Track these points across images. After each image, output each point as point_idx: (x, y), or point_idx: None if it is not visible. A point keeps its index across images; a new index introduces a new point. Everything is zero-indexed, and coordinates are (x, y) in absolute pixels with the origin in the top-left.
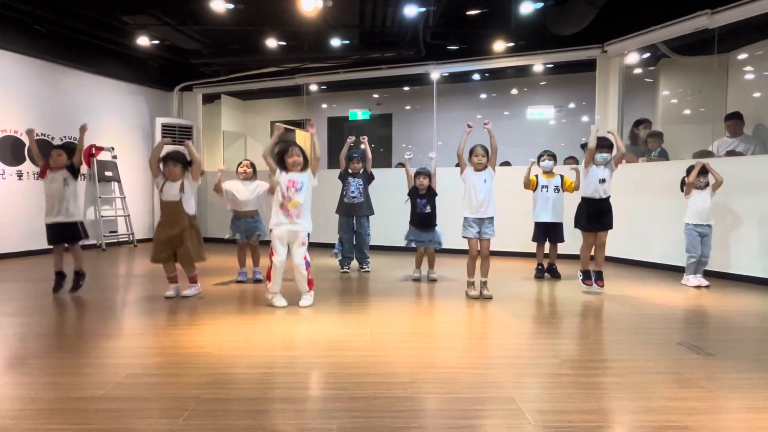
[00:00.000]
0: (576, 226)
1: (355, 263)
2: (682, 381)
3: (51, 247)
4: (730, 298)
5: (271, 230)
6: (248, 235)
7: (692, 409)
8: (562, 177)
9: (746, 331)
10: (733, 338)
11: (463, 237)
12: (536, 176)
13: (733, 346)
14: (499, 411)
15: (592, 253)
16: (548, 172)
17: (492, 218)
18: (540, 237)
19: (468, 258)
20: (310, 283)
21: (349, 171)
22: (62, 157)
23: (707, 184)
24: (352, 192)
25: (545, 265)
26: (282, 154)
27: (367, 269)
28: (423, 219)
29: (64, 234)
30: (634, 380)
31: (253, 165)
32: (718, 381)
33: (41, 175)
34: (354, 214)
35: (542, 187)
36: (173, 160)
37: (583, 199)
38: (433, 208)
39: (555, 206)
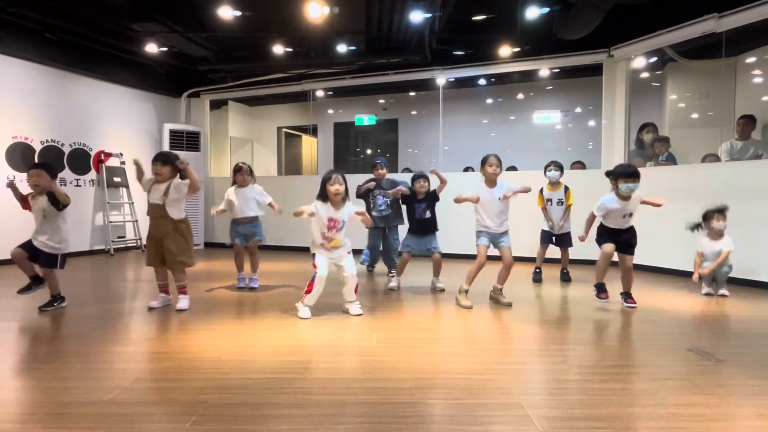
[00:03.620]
0: (597, 241)
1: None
2: (692, 387)
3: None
4: (743, 304)
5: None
6: (247, 239)
7: (702, 416)
8: (566, 189)
9: (758, 337)
10: (744, 344)
11: (476, 245)
12: (541, 190)
13: (745, 353)
14: (507, 417)
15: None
16: (554, 184)
17: (506, 231)
18: (545, 241)
19: (473, 265)
20: (356, 289)
21: (373, 182)
22: (42, 179)
23: (723, 230)
24: (380, 205)
25: (541, 269)
26: (324, 182)
27: (393, 274)
28: (422, 225)
29: (38, 257)
30: (644, 386)
31: (251, 170)
32: (728, 388)
33: (24, 206)
34: (385, 225)
35: (547, 200)
36: (162, 161)
37: (603, 225)
38: (434, 213)
39: (562, 218)
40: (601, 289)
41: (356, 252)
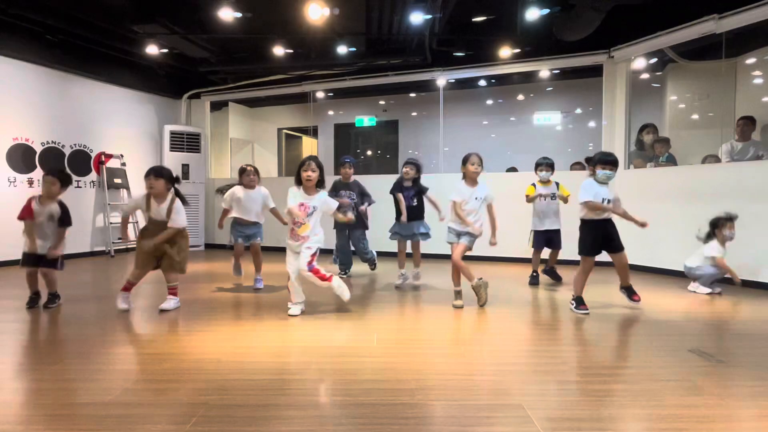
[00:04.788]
0: (580, 252)
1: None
2: (692, 388)
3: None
4: (743, 305)
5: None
6: (248, 239)
7: (703, 417)
8: (557, 185)
9: (758, 338)
10: (745, 345)
11: (448, 243)
12: (534, 185)
13: (745, 354)
14: (508, 418)
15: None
16: (545, 182)
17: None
18: (540, 244)
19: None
20: (323, 279)
21: (341, 181)
22: (56, 187)
23: (732, 238)
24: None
25: (540, 272)
26: (299, 167)
27: (373, 268)
28: (409, 212)
29: (41, 259)
30: (644, 387)
31: (257, 171)
32: (729, 389)
33: (23, 215)
34: (346, 228)
35: (540, 196)
36: (155, 175)
37: (585, 222)
38: (421, 201)
39: (554, 214)
40: (580, 302)
41: (327, 251)
